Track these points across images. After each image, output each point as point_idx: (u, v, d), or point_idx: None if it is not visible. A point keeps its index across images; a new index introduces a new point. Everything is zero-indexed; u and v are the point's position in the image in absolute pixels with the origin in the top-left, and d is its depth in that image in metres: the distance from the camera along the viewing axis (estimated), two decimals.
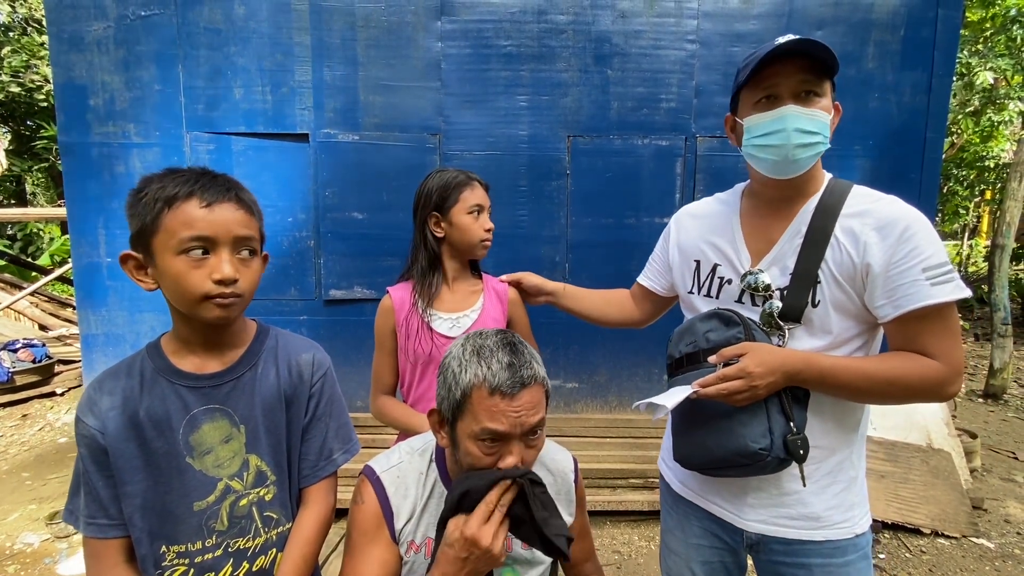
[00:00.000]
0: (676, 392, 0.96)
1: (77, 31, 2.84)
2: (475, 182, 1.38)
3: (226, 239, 0.82)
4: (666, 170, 3.03)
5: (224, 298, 0.82)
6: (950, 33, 2.95)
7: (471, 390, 0.83)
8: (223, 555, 0.90)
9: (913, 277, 0.89)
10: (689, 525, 1.16)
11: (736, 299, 1.06)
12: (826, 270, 0.96)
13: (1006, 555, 2.55)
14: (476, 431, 0.83)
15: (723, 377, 0.92)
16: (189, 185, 0.82)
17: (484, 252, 1.41)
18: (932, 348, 0.91)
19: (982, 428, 4.17)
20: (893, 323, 0.93)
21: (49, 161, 9.09)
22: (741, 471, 0.98)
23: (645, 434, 3.00)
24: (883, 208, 0.94)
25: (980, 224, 11.84)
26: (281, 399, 0.95)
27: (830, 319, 0.96)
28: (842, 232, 0.95)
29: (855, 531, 1.01)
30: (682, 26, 2.94)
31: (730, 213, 1.12)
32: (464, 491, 0.83)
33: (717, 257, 1.10)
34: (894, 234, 0.91)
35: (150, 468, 0.86)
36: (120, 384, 0.87)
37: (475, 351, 0.86)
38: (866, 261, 0.92)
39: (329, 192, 2.96)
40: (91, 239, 2.95)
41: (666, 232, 1.27)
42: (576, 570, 1.10)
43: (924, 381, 0.91)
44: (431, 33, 2.92)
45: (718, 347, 0.97)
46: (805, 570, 1.02)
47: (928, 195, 3.03)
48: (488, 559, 0.81)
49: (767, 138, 0.96)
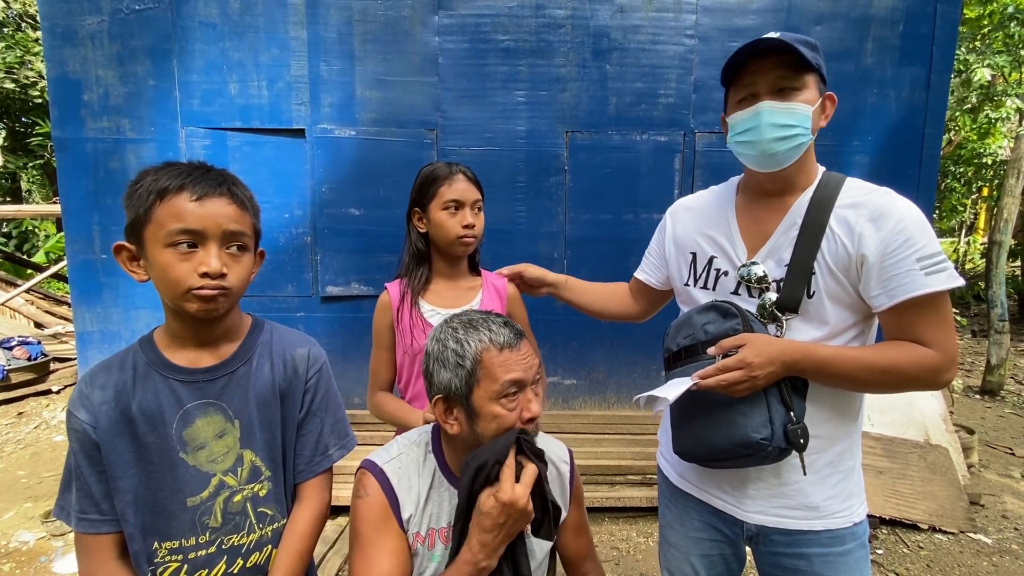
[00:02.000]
0: (675, 384, 0.96)
1: (71, 25, 2.81)
2: (457, 176, 1.32)
3: (215, 233, 0.81)
4: (665, 166, 3.02)
5: (209, 291, 0.81)
6: (948, 29, 2.94)
7: (481, 355, 0.88)
8: (217, 552, 0.89)
9: (908, 267, 0.91)
10: (688, 518, 1.16)
11: (732, 291, 1.06)
12: (821, 261, 0.97)
13: (1003, 550, 2.55)
14: (498, 389, 0.87)
15: (722, 368, 0.92)
16: (181, 178, 0.81)
17: (464, 249, 1.35)
18: (927, 336, 0.92)
19: (979, 424, 4.18)
20: (888, 312, 0.94)
21: (44, 158, 9.04)
22: (742, 462, 0.98)
23: (643, 430, 2.99)
24: (877, 199, 0.96)
25: (977, 221, 11.88)
26: (276, 394, 0.94)
27: (826, 309, 0.97)
28: (837, 223, 0.97)
29: (853, 520, 1.03)
30: (681, 21, 2.93)
31: (725, 206, 1.13)
32: (479, 464, 0.85)
33: (713, 249, 1.11)
34: (888, 225, 0.92)
35: (143, 463, 0.85)
36: (112, 378, 0.86)
37: (466, 325, 0.92)
38: (861, 251, 0.93)
39: (326, 188, 2.94)
40: (86, 236, 2.92)
41: (661, 225, 1.27)
42: (575, 568, 1.10)
43: (920, 369, 0.92)
44: (428, 28, 2.90)
45: (716, 339, 0.97)
46: (804, 560, 1.03)
47: (926, 191, 3.03)
48: (523, 518, 0.85)
49: (745, 135, 1.00)
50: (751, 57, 0.97)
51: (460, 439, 0.94)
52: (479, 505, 0.85)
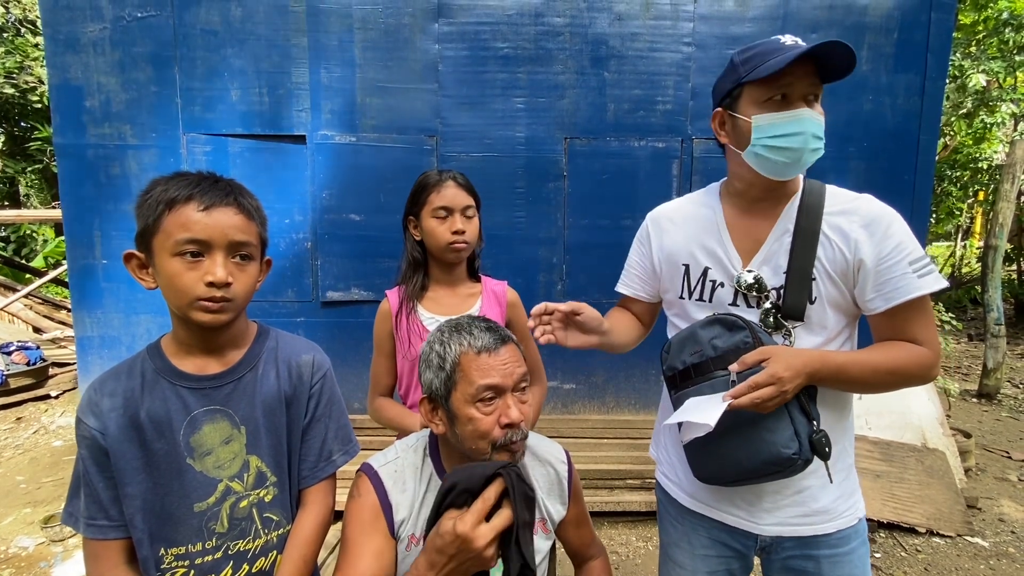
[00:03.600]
0: (706, 407, 0.91)
1: (73, 32, 2.83)
2: (446, 183, 1.32)
3: (221, 243, 0.83)
4: (662, 172, 3.04)
5: (215, 302, 0.82)
6: (943, 36, 2.98)
7: (459, 358, 0.89)
8: (223, 557, 0.91)
9: (902, 271, 0.94)
10: (696, 536, 1.14)
11: (730, 302, 1.05)
12: (820, 267, 0.98)
13: (1000, 553, 2.57)
14: (472, 392, 0.87)
15: (754, 385, 0.88)
16: (190, 189, 0.83)
17: (455, 256, 1.35)
18: (919, 335, 0.96)
19: (976, 428, 4.20)
20: (882, 315, 0.97)
21: (43, 163, 9.04)
22: (768, 478, 0.98)
23: (642, 435, 3.00)
24: (865, 206, 0.99)
25: (973, 225, 11.92)
26: (281, 400, 0.95)
27: (826, 315, 0.99)
28: (831, 230, 0.98)
29: (857, 516, 1.06)
30: (678, 29, 2.96)
31: (712, 214, 1.10)
32: (452, 484, 0.80)
33: (707, 260, 1.08)
34: (880, 230, 0.95)
35: (150, 469, 0.86)
36: (121, 385, 0.87)
37: (452, 329, 0.94)
38: (859, 257, 0.96)
39: (326, 194, 2.96)
40: (87, 241, 2.93)
41: (642, 236, 1.21)
42: (580, 555, 1.12)
43: (919, 367, 0.96)
44: (428, 35, 2.93)
45: (727, 354, 0.96)
46: (813, 562, 1.05)
47: (922, 197, 3.06)
48: (478, 561, 0.77)
49: (784, 139, 0.94)
50: (797, 61, 0.90)
51: (449, 442, 0.95)
52: (441, 521, 0.79)
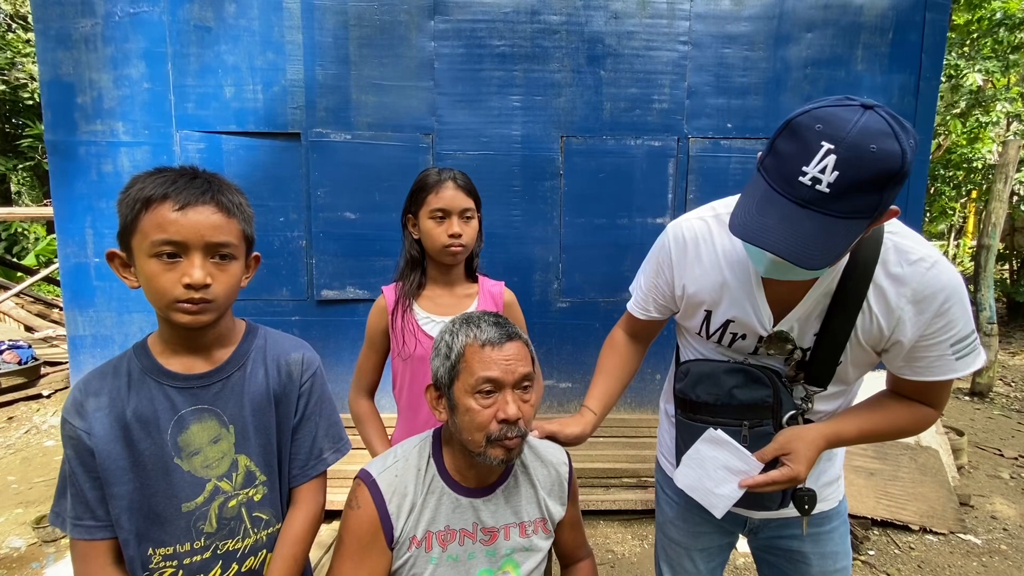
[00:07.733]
0: (722, 489, 0.98)
1: (64, 28, 2.80)
2: (445, 184, 1.29)
3: (197, 244, 0.80)
4: (659, 171, 3.04)
5: (193, 303, 0.80)
6: (937, 36, 2.99)
7: (464, 349, 0.91)
8: (212, 557, 0.90)
9: (940, 352, 0.89)
10: (691, 515, 1.19)
11: (751, 352, 1.01)
12: (853, 336, 0.92)
13: (992, 551, 2.58)
14: (472, 383, 0.89)
15: (772, 481, 0.92)
16: (165, 187, 0.80)
17: (451, 258, 1.33)
18: (933, 400, 0.98)
19: (968, 426, 4.22)
20: (906, 380, 0.95)
21: (35, 160, 8.96)
22: (748, 505, 1.03)
23: (638, 433, 3.00)
24: (921, 276, 0.86)
25: (966, 224, 12.00)
26: (270, 398, 0.94)
27: (848, 374, 0.99)
28: (875, 298, 0.89)
29: (838, 498, 1.13)
30: (674, 27, 2.96)
31: (744, 267, 0.97)
32: None
33: (732, 312, 0.99)
34: (931, 309, 0.86)
35: (137, 469, 0.85)
36: (107, 384, 0.86)
37: (464, 321, 0.96)
38: (897, 337, 0.90)
39: (321, 192, 2.94)
40: (78, 239, 2.91)
41: (663, 261, 1.08)
42: (571, 556, 1.16)
43: (919, 426, 0.99)
44: (424, 32, 2.91)
45: (744, 407, 0.97)
46: (796, 540, 1.12)
47: (916, 197, 3.07)
48: None
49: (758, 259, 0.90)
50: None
51: (455, 443, 0.96)
52: None
